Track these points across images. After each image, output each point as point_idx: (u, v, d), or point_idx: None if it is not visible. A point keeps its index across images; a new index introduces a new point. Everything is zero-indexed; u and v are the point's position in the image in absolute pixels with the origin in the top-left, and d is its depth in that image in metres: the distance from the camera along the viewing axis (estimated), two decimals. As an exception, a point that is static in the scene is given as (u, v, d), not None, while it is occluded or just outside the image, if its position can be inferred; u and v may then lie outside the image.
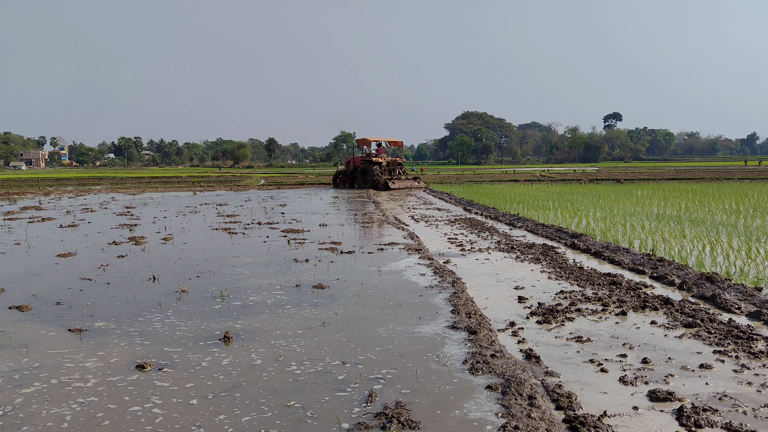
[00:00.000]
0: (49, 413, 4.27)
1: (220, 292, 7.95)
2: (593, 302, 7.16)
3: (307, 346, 5.66)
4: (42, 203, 25.38)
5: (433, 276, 8.78)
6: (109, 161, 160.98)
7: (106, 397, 4.52)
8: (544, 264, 9.70)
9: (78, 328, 6.30)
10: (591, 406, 4.27)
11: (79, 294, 7.92)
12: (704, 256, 9.85)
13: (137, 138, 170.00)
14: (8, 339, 5.99)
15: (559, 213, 17.47)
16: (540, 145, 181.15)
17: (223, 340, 5.83)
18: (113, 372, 5.05)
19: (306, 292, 7.90)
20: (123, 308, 7.15)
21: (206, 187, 40.25)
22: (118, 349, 5.66)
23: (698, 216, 15.66)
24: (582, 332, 6.01)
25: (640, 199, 22.13)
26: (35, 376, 4.99)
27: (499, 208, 19.61)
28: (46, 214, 19.92)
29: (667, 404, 4.29)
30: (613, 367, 5.04)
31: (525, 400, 4.28)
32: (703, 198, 22.16)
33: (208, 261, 10.33)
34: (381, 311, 6.87)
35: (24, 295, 7.84)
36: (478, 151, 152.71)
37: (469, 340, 5.68)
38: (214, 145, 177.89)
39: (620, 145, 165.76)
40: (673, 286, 7.99)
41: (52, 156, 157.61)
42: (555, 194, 26.21)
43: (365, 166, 35.49)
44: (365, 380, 4.79)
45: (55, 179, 54.38)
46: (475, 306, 6.96)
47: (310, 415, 4.18)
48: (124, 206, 23.17)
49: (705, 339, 5.69)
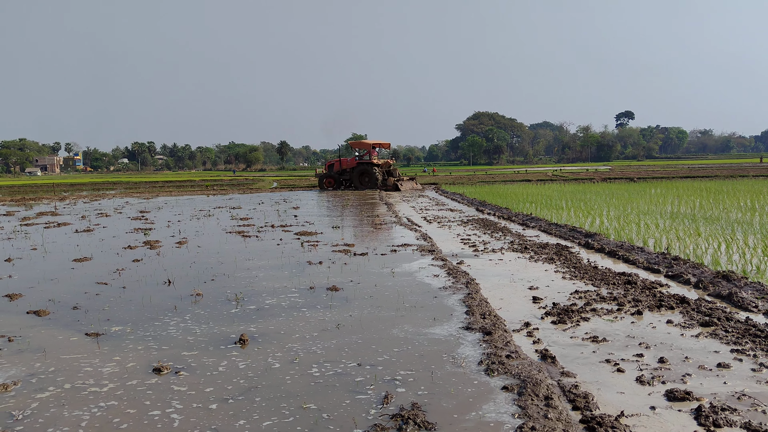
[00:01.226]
0: (67, 417, 4.30)
1: (235, 295, 7.98)
2: (608, 302, 7.12)
3: (323, 349, 5.67)
4: (57, 208, 25.61)
5: (446, 277, 8.77)
6: (122, 166, 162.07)
7: (124, 401, 4.55)
8: (558, 264, 9.66)
9: (95, 332, 6.35)
10: (608, 406, 4.25)
11: (95, 298, 7.99)
12: (720, 255, 9.77)
13: (150, 143, 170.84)
14: (26, 343, 6.05)
15: (572, 212, 17.40)
16: (552, 145, 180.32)
17: (238, 343, 5.86)
18: (130, 376, 5.09)
19: (320, 294, 7.92)
20: (139, 312, 7.20)
21: (219, 190, 40.45)
22: (135, 352, 5.70)
23: (713, 214, 15.54)
24: (598, 332, 5.98)
25: (653, 198, 22.00)
26: (52, 380, 5.04)
27: (511, 209, 19.56)
28: (61, 219, 20.09)
29: (685, 404, 4.26)
30: (630, 366, 5.02)
31: (541, 400, 4.27)
32: (717, 196, 21.98)
33: (222, 264, 10.38)
34: (395, 313, 6.88)
35: (41, 300, 7.91)
36: (489, 151, 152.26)
37: (484, 341, 5.67)
38: (227, 148, 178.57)
39: (633, 144, 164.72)
40: (688, 285, 7.93)
41: (67, 161, 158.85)
42: (568, 194, 26.10)
43: (365, 168, 36.01)
44: (381, 382, 4.80)
45: (70, 185, 54.90)
46: (490, 307, 6.95)
47: (327, 417, 4.19)
48: (139, 210, 23.33)
49: (722, 338, 5.65)
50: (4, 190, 45.51)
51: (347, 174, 36.96)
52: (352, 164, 36.89)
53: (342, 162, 37.24)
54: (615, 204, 19.83)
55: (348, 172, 36.95)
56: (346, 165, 37.07)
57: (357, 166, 36.40)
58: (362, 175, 36.10)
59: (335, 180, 37.05)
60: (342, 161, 37.27)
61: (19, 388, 4.86)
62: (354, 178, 36.33)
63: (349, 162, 37.19)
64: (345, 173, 37.04)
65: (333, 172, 37.35)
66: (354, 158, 37.43)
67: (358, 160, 36.83)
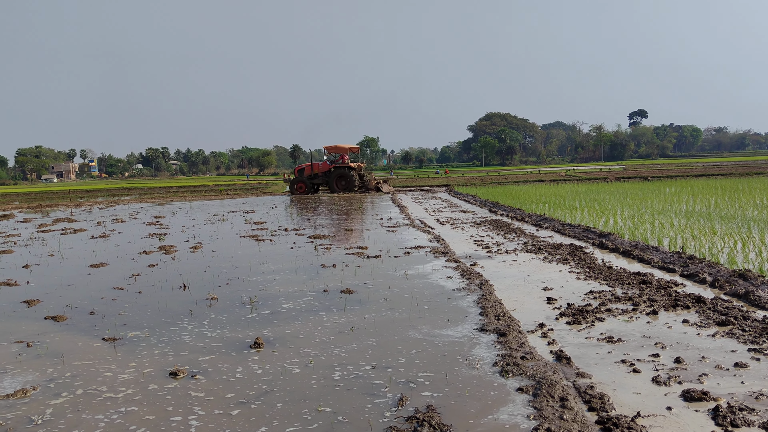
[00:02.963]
0: (85, 422, 4.34)
1: (250, 299, 8.03)
2: (623, 302, 7.09)
3: (337, 351, 5.69)
4: (73, 215, 25.84)
5: (460, 279, 8.76)
6: (137, 172, 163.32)
7: (144, 407, 4.58)
8: (573, 264, 9.63)
9: (112, 337, 6.41)
10: (624, 407, 4.23)
11: (111, 303, 8.06)
12: (736, 253, 9.69)
13: (164, 148, 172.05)
14: (44, 349, 6.12)
15: (585, 212, 17.32)
16: (565, 145, 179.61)
17: (254, 347, 5.89)
18: (147, 380, 5.13)
19: (334, 297, 7.94)
20: (155, 317, 7.26)
21: (233, 194, 40.68)
22: (151, 357, 5.75)
23: (728, 212, 15.41)
24: (613, 332, 5.95)
25: (668, 197, 21.85)
26: (70, 385, 5.08)
27: (524, 209, 19.50)
28: (77, 225, 20.27)
29: (702, 404, 4.23)
30: (646, 367, 4.99)
31: (557, 401, 4.26)
32: (732, 194, 21.79)
33: (237, 268, 10.43)
34: (409, 315, 6.88)
35: (59, 306, 7.99)
36: (502, 152, 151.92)
37: (498, 343, 5.67)
38: (240, 153, 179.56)
39: (646, 143, 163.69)
40: (704, 284, 7.88)
41: (82, 168, 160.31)
42: (581, 193, 25.99)
43: (342, 172, 36.71)
44: (396, 384, 4.81)
45: (85, 191, 55.36)
46: (504, 308, 6.94)
47: (342, 420, 4.21)
48: (153, 216, 23.49)
49: (739, 337, 5.61)
50: (21, 198, 45.97)
51: (319, 178, 37.40)
52: (325, 168, 37.37)
53: (314, 166, 37.64)
54: (629, 203, 19.72)
55: (320, 176, 37.38)
56: (317, 169, 37.51)
57: (334, 170, 36.95)
58: (339, 178, 36.76)
59: (306, 185, 37.28)
60: (314, 165, 37.68)
61: (37, 393, 4.92)
62: (331, 182, 36.82)
63: (321, 166, 37.60)
64: (317, 177, 37.47)
65: (304, 176, 37.62)
66: (326, 162, 37.87)
67: (331, 164, 37.40)
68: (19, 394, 4.88)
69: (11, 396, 4.86)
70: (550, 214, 17.16)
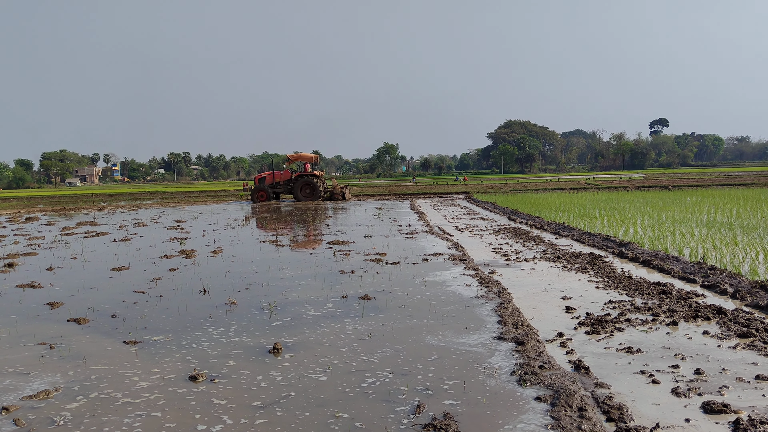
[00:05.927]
0: (108, 425, 4.41)
1: (269, 304, 8.09)
2: (643, 312, 7.05)
3: (355, 358, 5.72)
4: (96, 218, 26.17)
5: (478, 286, 8.76)
6: (159, 176, 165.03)
7: (166, 411, 4.64)
8: (592, 273, 9.58)
9: (133, 340, 6.50)
10: (643, 418, 4.21)
11: (133, 307, 8.16)
12: (758, 264, 9.58)
13: (186, 153, 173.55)
14: (67, 351, 6.22)
15: (605, 221, 17.21)
16: (584, 153, 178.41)
17: (272, 352, 5.94)
18: (167, 383, 5.19)
19: (353, 303, 7.98)
20: (176, 321, 7.34)
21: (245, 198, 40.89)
22: (172, 362, 5.82)
23: (750, 222, 15.23)
24: (632, 343, 5.92)
25: (689, 206, 21.63)
26: (93, 387, 5.16)
27: (544, 217, 19.42)
28: (100, 229, 20.53)
29: (722, 416, 4.20)
30: (665, 378, 4.96)
31: (575, 411, 4.25)
32: (755, 204, 21.51)
33: (256, 273, 10.51)
34: (427, 322, 6.90)
35: (81, 308, 8.11)
36: (521, 159, 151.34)
37: (516, 351, 5.66)
38: (260, 158, 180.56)
39: (667, 152, 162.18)
40: (725, 295, 7.80)
41: (105, 172, 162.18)
42: (601, 202, 25.81)
43: (308, 180, 36.96)
44: (413, 391, 4.83)
45: (108, 195, 56.03)
46: (522, 316, 6.93)
47: (359, 426, 4.23)
48: (175, 220, 23.72)
49: (761, 349, 5.55)
50: (45, 201, 46.67)
51: (281, 187, 37.48)
52: (287, 177, 37.51)
53: (275, 175, 37.72)
54: (649, 213, 19.55)
55: (282, 184, 37.49)
56: (279, 178, 37.60)
57: (299, 178, 37.10)
58: (305, 186, 37.03)
59: (267, 193, 37.32)
60: (275, 174, 37.74)
61: (60, 395, 5.00)
62: (295, 190, 37.03)
63: (282, 175, 37.68)
64: (278, 186, 37.55)
65: (265, 185, 37.65)
66: (288, 171, 38.00)
67: (294, 173, 37.60)
68: (42, 396, 4.97)
69: (34, 397, 4.95)
70: (570, 223, 17.07)
